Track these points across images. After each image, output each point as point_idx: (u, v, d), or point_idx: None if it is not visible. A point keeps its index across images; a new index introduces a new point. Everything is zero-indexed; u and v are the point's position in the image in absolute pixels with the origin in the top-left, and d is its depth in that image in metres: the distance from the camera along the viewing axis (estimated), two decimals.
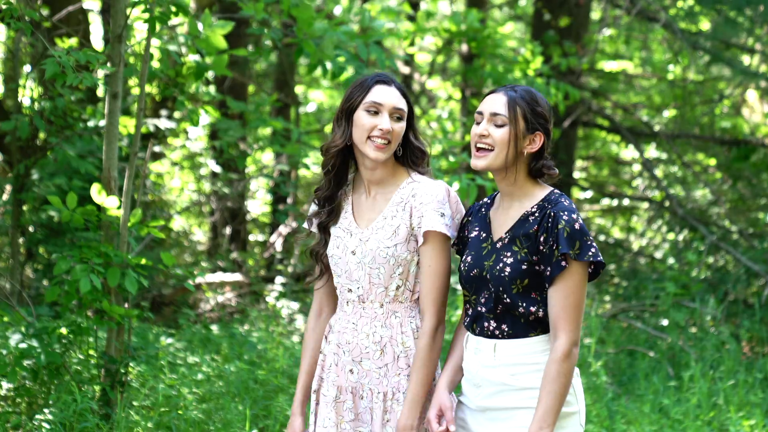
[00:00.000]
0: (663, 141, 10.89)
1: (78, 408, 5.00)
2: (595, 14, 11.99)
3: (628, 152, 13.01)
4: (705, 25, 10.82)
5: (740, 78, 10.38)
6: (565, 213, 3.15)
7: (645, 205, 11.73)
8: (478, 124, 3.26)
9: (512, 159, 3.22)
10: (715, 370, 7.42)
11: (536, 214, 3.21)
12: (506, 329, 3.21)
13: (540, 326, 3.20)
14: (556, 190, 3.28)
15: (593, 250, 3.14)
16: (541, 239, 3.16)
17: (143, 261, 5.17)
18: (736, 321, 8.53)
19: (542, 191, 3.27)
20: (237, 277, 9.49)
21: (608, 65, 11.99)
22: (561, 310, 3.12)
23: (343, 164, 3.45)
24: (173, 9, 5.12)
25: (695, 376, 7.02)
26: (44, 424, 5.02)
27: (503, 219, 3.28)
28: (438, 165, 7.99)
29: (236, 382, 6.18)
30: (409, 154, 3.46)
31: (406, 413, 3.31)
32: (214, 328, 7.81)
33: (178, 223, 11.44)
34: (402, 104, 3.39)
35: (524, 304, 3.18)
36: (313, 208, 3.54)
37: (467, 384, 3.30)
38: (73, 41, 7.31)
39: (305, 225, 3.57)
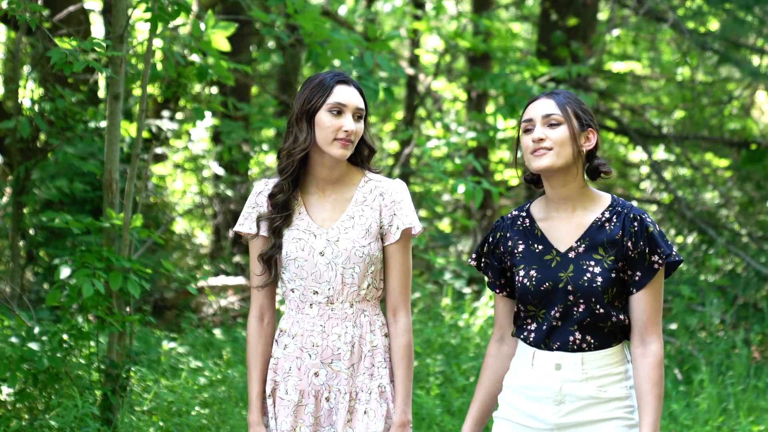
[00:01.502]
0: (671, 143, 10.82)
1: (79, 413, 4.94)
2: (603, 15, 11.93)
3: (636, 154, 12.93)
4: (714, 25, 10.75)
5: (749, 79, 10.31)
6: (646, 216, 3.13)
7: (653, 207, 11.66)
8: (527, 132, 3.16)
9: (575, 158, 3.13)
10: (725, 374, 7.36)
11: (614, 220, 3.14)
12: (592, 341, 3.13)
13: (620, 335, 3.15)
14: (614, 195, 3.23)
15: (675, 248, 3.12)
16: (629, 244, 3.09)
17: (146, 269, 5.13)
18: (746, 325, 8.46)
19: (605, 197, 3.21)
20: (240, 280, 9.45)
21: (616, 66, 11.91)
22: (652, 314, 3.10)
23: (299, 166, 3.41)
24: (172, 8, 5.05)
25: (704, 380, 6.97)
26: (45, 430, 4.98)
27: (566, 228, 3.18)
28: (443, 167, 7.92)
29: (239, 387, 6.14)
30: (359, 152, 3.44)
31: (403, 408, 3.32)
32: (217, 332, 7.77)
33: (180, 226, 11.41)
34: (362, 104, 3.38)
35: (615, 313, 3.11)
36: (251, 211, 3.47)
37: (537, 404, 3.17)
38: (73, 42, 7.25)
39: (244, 228, 3.47)
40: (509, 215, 3.32)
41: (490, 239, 3.31)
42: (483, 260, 3.33)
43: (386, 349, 3.39)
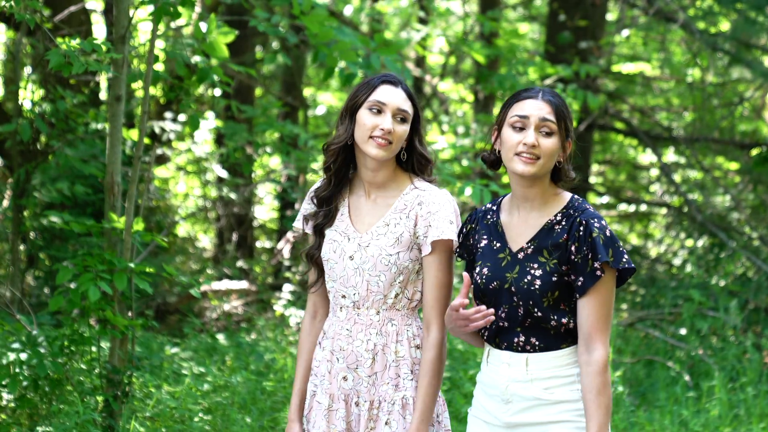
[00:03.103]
0: (681, 145, 10.75)
1: (80, 419, 4.93)
2: (612, 15, 11.86)
3: (646, 156, 12.90)
4: (725, 25, 10.68)
5: (761, 80, 10.25)
6: (596, 220, 3.06)
7: (663, 210, 11.61)
8: (519, 129, 3.10)
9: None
10: (736, 380, 7.29)
11: (563, 223, 3.10)
12: (536, 342, 3.11)
13: (570, 337, 3.11)
14: (575, 195, 3.18)
15: (626, 256, 3.04)
16: (573, 249, 3.05)
17: (147, 269, 5.07)
18: (757, 330, 8.39)
19: (562, 197, 3.16)
20: (243, 284, 9.42)
21: (626, 67, 11.85)
22: (596, 321, 3.03)
23: (344, 164, 3.41)
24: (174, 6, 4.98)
25: (715, 386, 6.90)
26: None
27: (522, 228, 3.16)
28: (451, 170, 7.86)
29: (243, 393, 6.11)
30: (414, 162, 3.41)
31: (417, 425, 3.25)
32: (220, 337, 7.75)
33: (183, 230, 11.37)
34: (406, 106, 3.33)
35: (555, 317, 3.08)
36: (307, 207, 3.49)
37: (491, 401, 3.18)
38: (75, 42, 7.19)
39: (297, 224, 3.51)
40: (482, 208, 3.32)
41: (464, 230, 3.30)
42: (460, 250, 3.32)
43: (415, 362, 3.34)
